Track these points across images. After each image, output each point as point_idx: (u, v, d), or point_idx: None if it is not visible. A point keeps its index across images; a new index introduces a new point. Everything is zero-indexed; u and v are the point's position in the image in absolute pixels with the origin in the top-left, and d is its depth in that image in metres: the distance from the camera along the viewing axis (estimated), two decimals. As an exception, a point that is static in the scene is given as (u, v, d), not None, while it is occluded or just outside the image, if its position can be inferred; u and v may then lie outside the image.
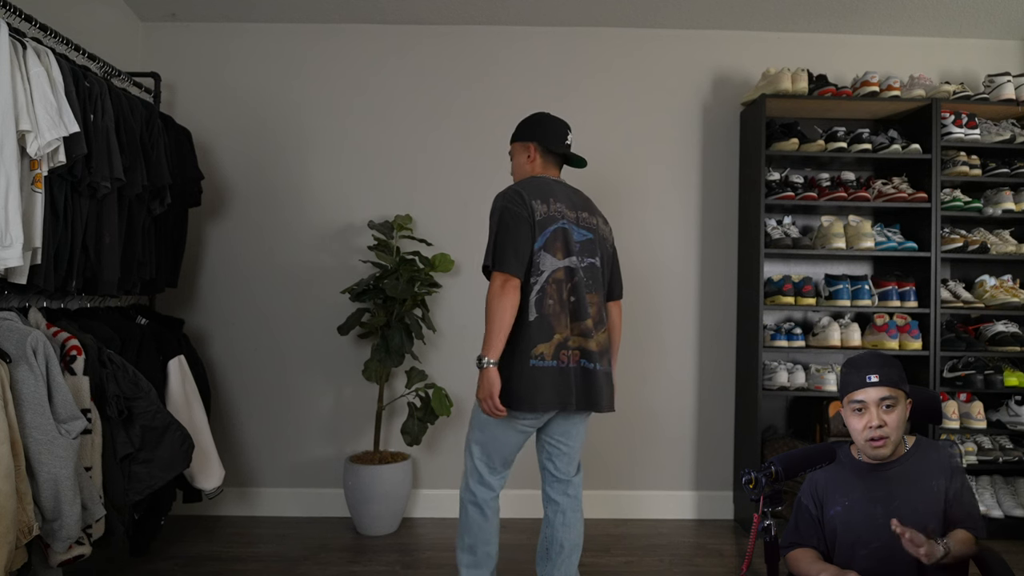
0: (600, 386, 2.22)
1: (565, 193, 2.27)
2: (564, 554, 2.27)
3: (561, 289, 2.15)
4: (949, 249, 3.27)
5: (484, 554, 2.27)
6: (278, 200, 3.56)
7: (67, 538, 2.07)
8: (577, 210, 2.26)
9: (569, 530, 2.28)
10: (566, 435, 2.28)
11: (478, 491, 2.26)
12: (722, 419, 3.58)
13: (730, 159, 3.59)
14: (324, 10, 3.43)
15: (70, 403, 2.10)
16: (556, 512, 2.30)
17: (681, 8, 3.38)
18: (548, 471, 2.33)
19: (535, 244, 2.13)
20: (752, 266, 3.31)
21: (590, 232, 2.26)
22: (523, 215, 2.12)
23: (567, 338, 2.14)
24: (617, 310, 2.42)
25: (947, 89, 3.28)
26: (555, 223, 2.16)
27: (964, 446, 3.23)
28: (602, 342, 2.25)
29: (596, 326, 2.22)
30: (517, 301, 2.09)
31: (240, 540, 3.17)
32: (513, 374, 2.10)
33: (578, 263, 2.19)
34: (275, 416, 3.54)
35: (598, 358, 2.21)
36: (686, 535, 3.33)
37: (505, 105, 3.47)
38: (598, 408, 2.22)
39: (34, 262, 2.21)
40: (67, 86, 2.27)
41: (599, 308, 2.26)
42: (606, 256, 2.32)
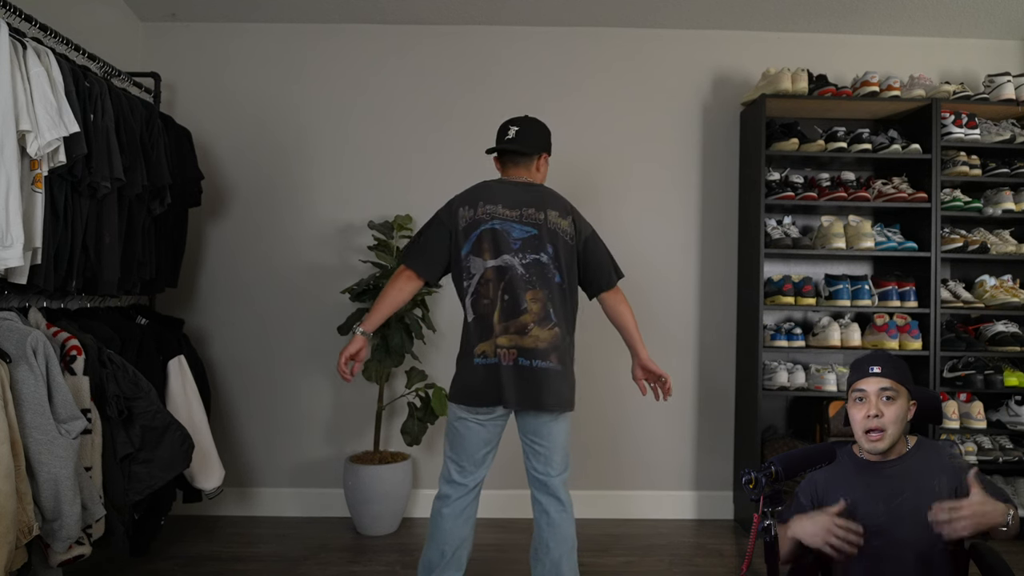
0: (542, 384, 2.18)
1: (508, 192, 2.27)
2: (552, 554, 2.25)
3: (494, 288, 2.20)
4: (949, 249, 3.27)
5: (438, 553, 2.26)
6: (278, 200, 3.56)
7: (67, 538, 2.07)
8: (521, 207, 2.24)
9: (555, 530, 2.26)
10: (537, 435, 2.27)
11: (443, 488, 2.31)
12: (722, 419, 3.58)
13: (730, 159, 3.59)
14: (324, 10, 3.43)
15: (70, 403, 2.10)
16: (540, 512, 2.30)
17: (681, 8, 3.38)
18: (529, 472, 2.33)
19: (462, 250, 2.25)
20: (752, 266, 3.31)
21: (534, 228, 2.22)
22: (444, 222, 2.28)
23: (502, 336, 2.19)
24: (614, 298, 2.35)
25: (947, 89, 3.28)
26: (481, 226, 2.22)
27: (964, 446, 3.23)
28: (547, 339, 2.20)
29: (539, 322, 2.19)
30: (406, 287, 2.29)
31: (240, 540, 3.17)
32: (458, 370, 2.29)
33: (515, 261, 2.20)
34: (275, 416, 3.54)
35: (541, 355, 2.19)
36: (686, 535, 3.33)
37: (505, 105, 3.45)
38: (540, 407, 2.20)
39: (34, 262, 2.21)
40: (67, 86, 2.27)
41: (544, 304, 2.20)
42: (562, 249, 2.24)
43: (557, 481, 2.29)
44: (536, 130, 2.35)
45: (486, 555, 2.98)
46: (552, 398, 2.20)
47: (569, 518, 2.29)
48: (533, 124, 2.35)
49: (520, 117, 2.38)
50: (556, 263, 2.23)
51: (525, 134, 2.31)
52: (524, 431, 2.30)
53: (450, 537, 2.26)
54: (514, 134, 2.31)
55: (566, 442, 2.32)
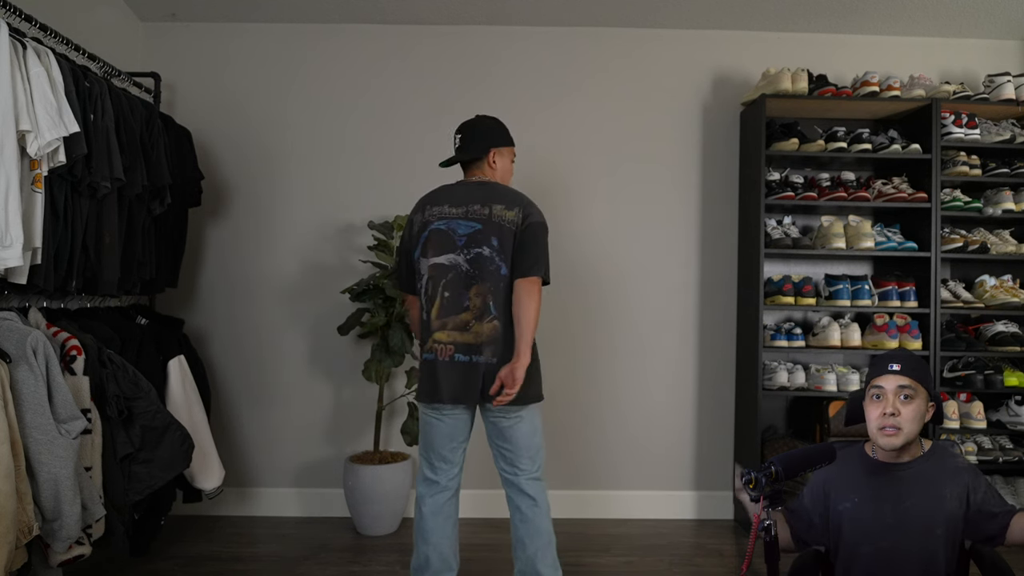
0: (476, 379, 2.20)
1: (458, 192, 2.32)
2: (527, 551, 2.29)
3: (434, 286, 2.27)
4: (949, 249, 3.27)
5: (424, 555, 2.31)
6: (278, 200, 3.56)
7: (67, 538, 2.08)
8: (467, 204, 2.28)
9: (528, 526, 2.29)
10: (499, 436, 2.30)
11: (419, 487, 2.37)
12: (722, 419, 3.58)
13: (730, 159, 3.59)
14: (324, 10, 3.43)
15: (70, 403, 2.10)
16: (514, 510, 2.34)
17: (681, 8, 3.38)
18: (498, 471, 2.37)
19: (413, 254, 2.36)
20: (752, 266, 3.31)
21: (479, 222, 2.25)
22: (404, 238, 2.42)
23: (439, 331, 2.23)
24: (523, 288, 2.18)
25: (947, 89, 3.28)
26: (427, 228, 2.31)
27: (964, 446, 3.23)
28: (486, 333, 2.20)
29: (479, 317, 2.20)
30: (414, 311, 2.42)
31: (240, 540, 3.17)
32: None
33: (460, 258, 2.24)
34: (275, 416, 3.54)
35: (476, 350, 2.20)
36: (686, 535, 3.33)
37: (505, 105, 3.45)
38: (473, 401, 2.23)
39: (34, 262, 2.21)
40: (67, 86, 2.28)
41: (485, 299, 2.20)
42: (507, 240, 2.22)
43: (524, 479, 2.30)
44: (480, 131, 2.39)
45: (481, 555, 2.99)
46: (482, 394, 2.21)
47: (542, 514, 2.30)
48: (477, 126, 2.40)
49: (466, 121, 2.43)
50: (501, 255, 2.22)
51: (467, 139, 2.38)
52: (487, 432, 2.35)
53: (431, 536, 2.31)
54: (459, 142, 2.40)
55: (532, 442, 2.30)
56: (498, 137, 2.40)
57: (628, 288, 3.58)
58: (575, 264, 3.56)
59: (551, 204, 3.56)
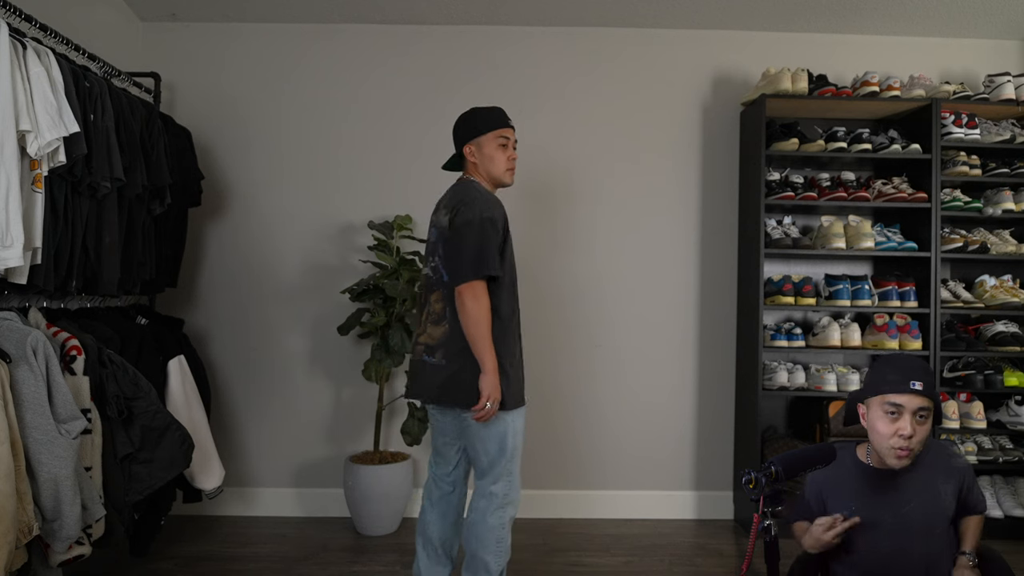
0: (429, 379, 2.24)
1: (442, 199, 2.34)
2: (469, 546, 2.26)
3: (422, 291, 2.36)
4: (949, 249, 3.27)
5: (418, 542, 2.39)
6: (278, 200, 3.55)
7: (67, 538, 2.07)
8: (438, 211, 2.31)
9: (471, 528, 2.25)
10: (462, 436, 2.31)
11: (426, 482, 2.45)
12: (722, 419, 3.58)
13: (730, 159, 3.59)
14: (324, 10, 3.43)
15: (70, 403, 2.10)
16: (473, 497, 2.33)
17: (681, 8, 3.38)
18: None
19: None
20: (752, 266, 3.31)
21: (436, 229, 2.30)
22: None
23: (421, 335, 2.30)
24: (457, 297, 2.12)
25: (947, 89, 3.28)
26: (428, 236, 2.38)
27: (964, 446, 3.23)
28: (437, 335, 2.23)
29: (436, 321, 2.24)
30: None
31: (240, 540, 3.17)
32: None
33: (427, 267, 2.33)
34: (275, 416, 3.54)
35: (431, 351, 2.25)
36: (686, 535, 3.33)
37: (505, 105, 3.42)
38: (421, 397, 2.30)
39: (34, 262, 2.21)
40: (67, 86, 2.27)
41: (444, 304, 2.22)
42: (443, 245, 2.23)
43: (481, 485, 2.25)
44: (454, 130, 2.37)
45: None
46: (431, 392, 2.25)
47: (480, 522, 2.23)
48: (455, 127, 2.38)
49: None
50: (444, 261, 2.24)
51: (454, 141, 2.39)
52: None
53: (430, 528, 2.36)
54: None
55: (494, 451, 2.21)
56: (466, 131, 2.34)
57: (628, 288, 3.58)
58: (575, 264, 3.56)
59: (551, 204, 3.57)
